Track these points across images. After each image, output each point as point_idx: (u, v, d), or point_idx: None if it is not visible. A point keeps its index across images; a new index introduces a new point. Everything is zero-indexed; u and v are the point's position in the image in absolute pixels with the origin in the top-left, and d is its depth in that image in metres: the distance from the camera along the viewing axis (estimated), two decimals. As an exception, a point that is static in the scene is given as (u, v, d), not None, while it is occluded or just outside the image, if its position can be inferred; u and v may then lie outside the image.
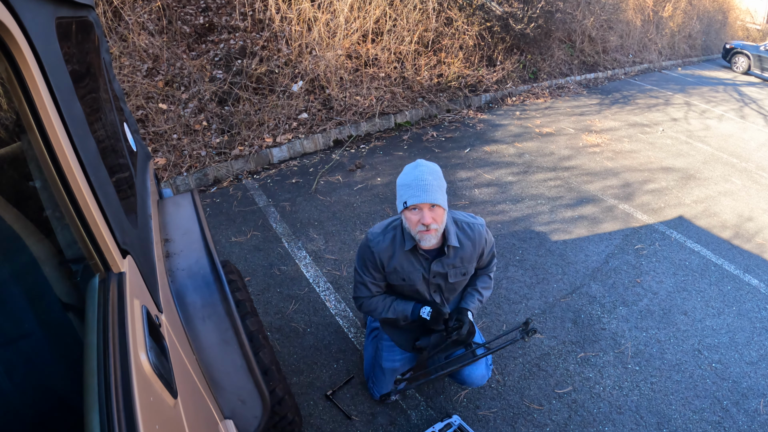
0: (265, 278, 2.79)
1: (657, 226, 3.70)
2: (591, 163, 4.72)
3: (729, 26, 14.74)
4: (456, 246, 1.61)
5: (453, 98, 5.70)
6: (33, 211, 0.94)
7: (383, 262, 1.63)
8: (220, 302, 1.31)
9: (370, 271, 1.67)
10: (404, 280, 1.66)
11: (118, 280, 0.82)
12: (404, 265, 1.63)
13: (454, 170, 4.26)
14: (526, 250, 3.22)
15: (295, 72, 4.80)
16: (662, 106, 7.10)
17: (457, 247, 1.62)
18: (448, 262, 1.64)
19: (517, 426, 2.03)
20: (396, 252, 1.61)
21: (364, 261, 1.67)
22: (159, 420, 0.73)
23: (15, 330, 0.97)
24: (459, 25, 5.94)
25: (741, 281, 3.13)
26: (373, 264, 1.65)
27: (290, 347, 2.34)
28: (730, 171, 4.94)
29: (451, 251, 1.62)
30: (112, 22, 4.45)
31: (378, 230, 1.65)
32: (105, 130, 1.19)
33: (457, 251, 1.63)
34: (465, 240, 1.64)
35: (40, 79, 0.67)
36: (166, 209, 1.63)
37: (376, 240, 1.63)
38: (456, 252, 1.63)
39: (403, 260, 1.62)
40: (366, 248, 1.65)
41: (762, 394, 2.30)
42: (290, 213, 3.45)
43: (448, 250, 1.61)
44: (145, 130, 3.90)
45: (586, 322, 2.64)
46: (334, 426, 1.98)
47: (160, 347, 0.87)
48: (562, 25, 7.32)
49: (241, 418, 1.36)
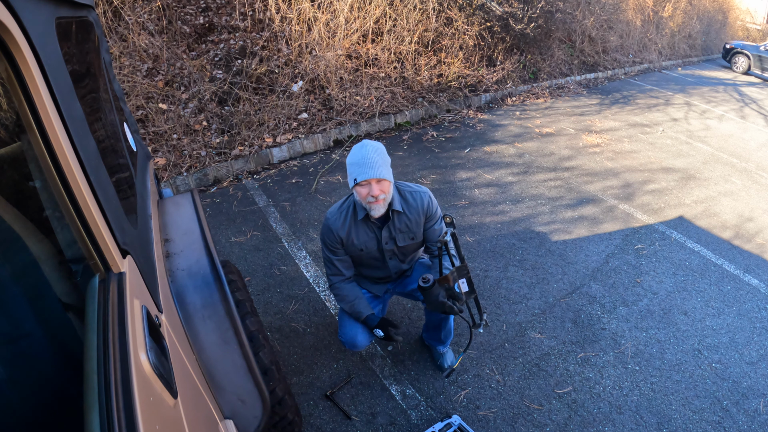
0: (265, 278, 2.79)
1: (657, 226, 3.69)
2: (591, 163, 4.72)
3: (729, 26, 14.74)
4: (399, 211, 1.79)
5: (453, 98, 5.70)
6: (33, 211, 0.94)
7: (341, 237, 1.82)
8: (220, 302, 1.31)
9: (331, 248, 1.86)
10: (362, 249, 1.85)
11: (118, 280, 0.82)
12: (360, 235, 1.83)
13: (454, 170, 4.26)
14: (526, 250, 3.22)
15: (295, 72, 4.80)
16: (662, 106, 7.10)
17: (401, 212, 1.80)
18: (395, 227, 1.82)
19: (517, 426, 2.03)
20: (351, 225, 1.81)
21: (325, 239, 1.85)
22: (159, 420, 0.72)
23: (15, 330, 0.97)
24: (459, 25, 5.94)
25: (741, 281, 3.13)
26: (332, 240, 1.83)
27: (290, 347, 2.34)
28: (731, 171, 4.94)
29: (395, 216, 1.80)
30: (112, 22, 4.45)
31: (334, 209, 1.84)
32: (105, 130, 1.19)
33: (401, 217, 1.82)
34: (407, 207, 1.82)
35: (40, 79, 0.67)
36: (166, 209, 1.63)
37: (333, 218, 1.82)
38: (401, 218, 1.82)
39: (359, 231, 1.82)
40: (326, 227, 1.83)
41: (762, 394, 2.30)
42: (290, 213, 3.45)
43: (393, 215, 1.80)
44: (145, 130, 3.91)
45: (586, 322, 2.64)
46: (334, 426, 1.98)
47: (160, 347, 0.87)
48: (562, 25, 7.32)
49: (241, 418, 1.36)
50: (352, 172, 1.67)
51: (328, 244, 1.85)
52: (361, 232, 1.83)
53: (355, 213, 1.80)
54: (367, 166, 1.63)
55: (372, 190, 1.65)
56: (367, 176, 1.62)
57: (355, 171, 1.65)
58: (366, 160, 1.63)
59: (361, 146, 1.68)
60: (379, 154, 1.67)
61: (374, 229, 1.83)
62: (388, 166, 1.70)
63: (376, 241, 1.85)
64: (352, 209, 1.80)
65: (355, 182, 1.66)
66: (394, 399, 2.10)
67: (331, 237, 1.82)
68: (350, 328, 1.95)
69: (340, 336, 2.00)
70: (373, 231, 1.84)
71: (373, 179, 1.63)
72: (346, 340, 1.97)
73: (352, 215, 1.80)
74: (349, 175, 1.69)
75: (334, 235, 1.81)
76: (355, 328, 1.95)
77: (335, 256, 1.88)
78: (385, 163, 1.68)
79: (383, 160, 1.68)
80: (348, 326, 1.96)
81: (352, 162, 1.67)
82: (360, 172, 1.63)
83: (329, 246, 1.86)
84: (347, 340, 1.96)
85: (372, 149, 1.66)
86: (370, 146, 1.67)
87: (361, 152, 1.66)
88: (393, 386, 2.16)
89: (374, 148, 1.67)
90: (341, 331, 1.99)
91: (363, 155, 1.65)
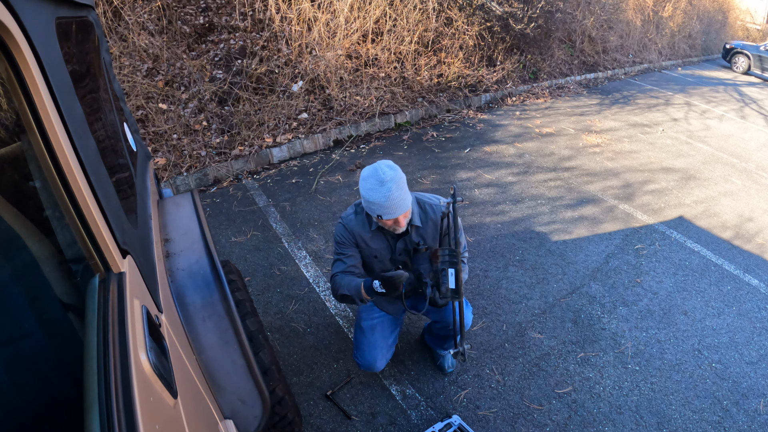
0: (265, 278, 2.79)
1: (657, 226, 3.69)
2: (591, 163, 4.72)
3: (729, 26, 14.73)
4: (418, 225, 1.75)
5: (453, 98, 5.70)
6: (33, 211, 0.94)
7: (355, 238, 1.78)
8: (220, 302, 1.31)
9: (346, 246, 1.81)
10: (376, 256, 1.81)
11: (118, 280, 0.82)
12: (375, 241, 1.79)
13: (454, 170, 4.26)
14: (526, 250, 3.22)
15: (295, 72, 4.80)
16: (662, 106, 7.10)
17: (419, 226, 1.75)
18: (411, 240, 1.78)
19: (517, 426, 2.03)
20: (367, 230, 1.77)
21: (337, 238, 1.81)
22: (159, 420, 0.72)
23: (15, 330, 0.97)
24: (459, 25, 5.93)
25: (741, 281, 3.13)
26: (348, 240, 1.79)
27: (290, 347, 2.34)
28: (731, 171, 4.93)
29: (413, 230, 1.76)
30: (112, 22, 4.45)
31: (350, 214, 1.80)
32: (105, 130, 1.19)
33: (418, 230, 1.77)
34: (426, 219, 1.77)
35: (40, 79, 0.67)
36: (166, 209, 1.63)
37: (349, 218, 1.78)
38: (418, 231, 1.77)
39: (374, 237, 1.78)
40: (341, 227, 1.79)
41: (762, 394, 2.30)
42: (290, 213, 3.45)
43: (411, 229, 1.75)
44: (145, 130, 3.90)
45: (586, 322, 2.64)
46: (334, 426, 1.98)
47: (160, 347, 0.87)
48: (562, 25, 7.31)
49: (241, 418, 1.36)
50: (373, 209, 1.56)
51: (344, 243, 1.79)
52: (377, 239, 1.78)
53: (370, 221, 1.74)
54: (392, 208, 1.53)
55: (397, 222, 1.61)
56: (393, 216, 1.56)
57: (377, 209, 1.55)
58: (390, 201, 1.52)
59: (380, 183, 1.52)
60: (400, 188, 1.54)
61: (389, 239, 1.79)
62: (408, 192, 1.60)
63: (389, 251, 1.81)
64: (367, 217, 1.75)
65: (379, 218, 1.59)
66: (394, 399, 2.10)
67: (346, 235, 1.78)
68: (369, 352, 1.94)
69: (358, 359, 1.99)
70: (387, 241, 1.79)
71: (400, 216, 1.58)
72: (364, 363, 1.96)
73: (368, 223, 1.75)
74: (367, 208, 1.59)
75: (349, 234, 1.77)
76: (374, 352, 1.94)
77: (347, 254, 1.81)
78: (407, 192, 1.58)
79: (405, 192, 1.57)
80: (367, 350, 1.95)
81: (373, 201, 1.54)
82: (384, 212, 1.55)
83: (344, 244, 1.79)
84: (366, 363, 1.96)
85: (394, 185, 1.52)
86: (391, 183, 1.51)
87: (382, 192, 1.51)
88: (393, 386, 2.16)
89: (395, 183, 1.52)
90: (359, 354, 1.98)
91: (386, 196, 1.51)
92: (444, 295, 1.61)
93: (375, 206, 1.55)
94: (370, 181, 1.53)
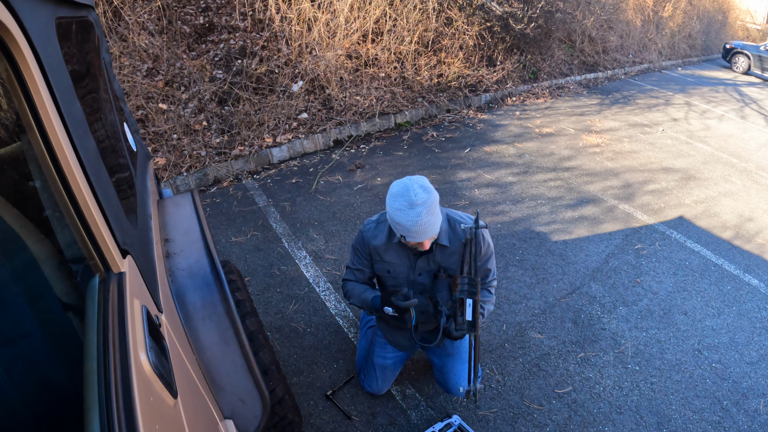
0: (265, 278, 2.79)
1: (657, 226, 3.69)
2: (591, 163, 4.72)
3: (729, 26, 14.73)
4: (445, 245, 1.59)
5: (453, 98, 5.70)
6: (33, 211, 0.94)
7: (371, 251, 1.68)
8: (220, 302, 1.31)
9: (358, 257, 1.74)
10: (389, 271, 1.68)
11: (118, 280, 0.82)
12: (393, 256, 1.65)
13: (454, 170, 4.26)
14: (526, 250, 3.22)
15: (295, 72, 4.80)
16: (662, 107, 7.10)
17: (447, 246, 1.60)
18: (434, 259, 1.62)
19: (517, 426, 2.03)
20: (387, 242, 1.64)
21: (356, 247, 1.74)
22: (159, 420, 0.72)
23: (15, 330, 0.97)
24: (459, 25, 5.93)
25: (741, 281, 3.13)
26: (362, 250, 1.71)
27: (290, 347, 2.34)
28: (731, 171, 4.93)
29: (437, 249, 1.60)
30: (112, 22, 4.45)
31: (372, 222, 1.70)
32: (105, 130, 1.19)
33: (444, 250, 1.61)
34: (455, 239, 1.60)
35: (40, 79, 0.67)
36: (166, 209, 1.63)
37: (369, 227, 1.68)
38: (444, 251, 1.61)
39: (392, 251, 1.65)
40: (360, 235, 1.71)
41: (762, 394, 2.30)
42: (290, 213, 3.45)
43: (436, 248, 1.60)
44: (145, 130, 3.90)
45: (586, 322, 2.64)
46: (334, 426, 1.98)
47: (160, 347, 0.87)
48: (562, 25, 7.31)
49: (241, 418, 1.36)
50: (398, 229, 1.44)
51: (358, 253, 1.73)
52: (395, 254, 1.64)
53: (391, 233, 1.62)
54: (419, 233, 1.40)
55: (421, 244, 1.48)
56: (419, 240, 1.44)
57: (403, 231, 1.43)
58: (418, 227, 1.39)
59: (410, 205, 1.37)
60: (431, 212, 1.39)
61: (410, 256, 1.63)
62: (439, 211, 1.45)
63: (406, 268, 1.65)
64: (389, 228, 1.63)
65: (403, 237, 1.47)
66: (394, 399, 2.10)
67: (362, 246, 1.70)
68: (379, 385, 2.01)
69: (365, 386, 2.05)
70: (407, 257, 1.63)
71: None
72: (371, 390, 2.03)
73: (389, 234, 1.63)
74: (395, 228, 1.47)
75: (365, 244, 1.68)
76: (384, 385, 2.01)
77: (358, 265, 1.75)
78: (437, 214, 1.43)
79: (435, 215, 1.41)
80: (376, 384, 2.01)
81: (400, 222, 1.40)
82: (410, 236, 1.42)
83: (358, 254, 1.73)
84: (375, 390, 2.03)
85: (425, 210, 1.37)
86: (422, 207, 1.36)
87: (410, 215, 1.37)
88: (393, 386, 2.16)
89: (427, 208, 1.37)
90: (368, 383, 2.04)
91: (414, 221, 1.37)
92: (459, 326, 1.47)
93: (400, 228, 1.43)
94: (400, 200, 1.39)
